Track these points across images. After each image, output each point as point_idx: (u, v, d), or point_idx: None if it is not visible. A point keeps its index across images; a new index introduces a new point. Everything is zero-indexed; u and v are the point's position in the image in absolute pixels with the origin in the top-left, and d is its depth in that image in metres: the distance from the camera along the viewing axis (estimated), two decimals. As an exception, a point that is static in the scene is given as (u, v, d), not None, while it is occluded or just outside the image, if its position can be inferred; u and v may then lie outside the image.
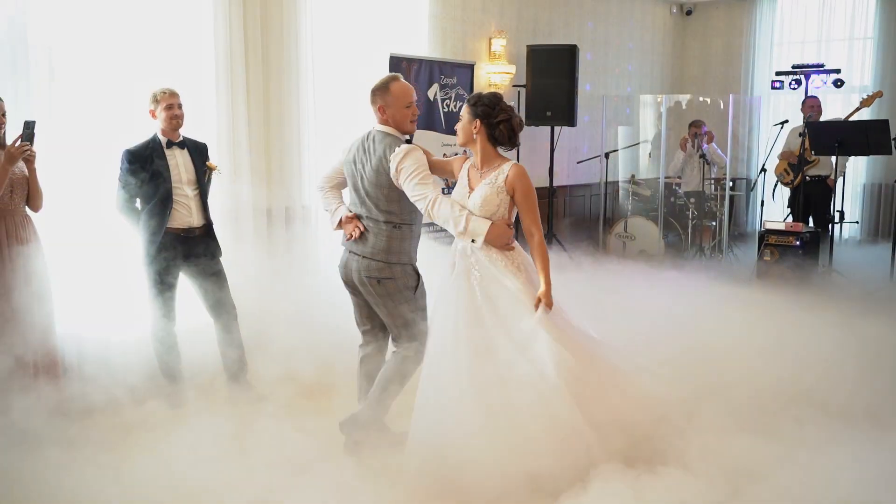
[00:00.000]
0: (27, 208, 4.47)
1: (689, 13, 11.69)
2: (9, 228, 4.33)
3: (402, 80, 4.12)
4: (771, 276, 7.29)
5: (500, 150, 3.86)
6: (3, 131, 4.37)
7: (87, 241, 5.04)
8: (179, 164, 4.84)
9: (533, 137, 8.95)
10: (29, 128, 4.29)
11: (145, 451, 4.01)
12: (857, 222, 10.22)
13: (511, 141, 3.82)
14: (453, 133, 7.43)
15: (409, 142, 4.03)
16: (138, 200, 4.83)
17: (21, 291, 4.29)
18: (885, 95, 9.61)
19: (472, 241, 3.73)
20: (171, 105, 4.78)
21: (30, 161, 4.37)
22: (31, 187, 4.44)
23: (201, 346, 5.05)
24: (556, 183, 8.81)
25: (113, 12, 5.15)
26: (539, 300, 3.62)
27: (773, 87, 9.90)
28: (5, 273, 4.27)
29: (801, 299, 5.94)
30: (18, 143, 4.26)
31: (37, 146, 4.35)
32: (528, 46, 8.45)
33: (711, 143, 9.28)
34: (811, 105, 8.50)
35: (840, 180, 8.28)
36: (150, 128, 4.83)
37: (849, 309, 5.76)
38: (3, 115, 4.33)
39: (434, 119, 7.48)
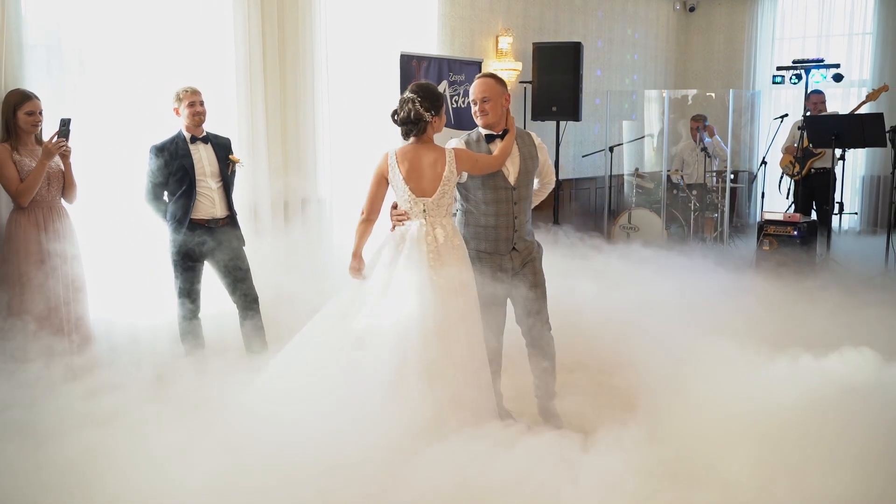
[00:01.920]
0: (63, 200, 4.74)
1: (692, 10, 11.89)
2: (46, 219, 4.60)
3: (481, 76, 4.33)
4: (769, 263, 7.52)
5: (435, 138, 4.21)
6: (40, 128, 4.64)
7: (117, 231, 5.29)
8: (203, 157, 5.06)
9: (539, 132, 9.16)
10: (65, 125, 4.55)
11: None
12: (856, 213, 10.43)
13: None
14: (462, 128, 7.73)
15: (488, 138, 4.28)
16: (165, 193, 5.05)
17: (57, 277, 4.57)
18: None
19: None
20: (193, 102, 4.99)
21: (65, 156, 4.65)
22: (67, 181, 4.71)
23: (224, 330, 5.33)
24: (562, 176, 9.04)
25: (139, 17, 5.36)
26: None
27: (774, 82, 10.10)
28: (43, 260, 4.54)
29: (797, 283, 6.18)
30: (55, 139, 4.52)
31: (71, 142, 4.62)
32: (534, 44, 8.66)
33: (714, 136, 9.51)
34: (815, 101, 8.70)
35: (840, 172, 8.49)
36: (175, 124, 5.05)
37: (842, 292, 6.00)
38: (40, 113, 4.59)
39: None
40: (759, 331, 4.34)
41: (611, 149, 9.68)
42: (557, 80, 8.49)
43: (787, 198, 9.03)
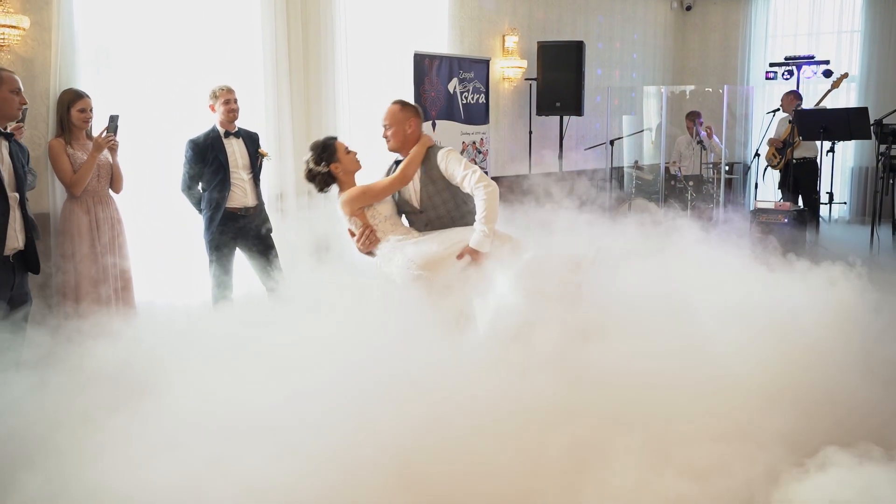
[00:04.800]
0: (111, 190, 5.16)
1: (688, 9, 12.26)
2: (96, 207, 5.03)
3: (390, 104, 4.48)
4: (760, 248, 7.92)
5: None
6: (90, 124, 5.05)
7: (158, 218, 5.74)
8: (236, 151, 5.49)
9: (544, 126, 9.57)
10: (113, 121, 4.96)
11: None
12: (845, 203, 10.84)
13: None
14: (471, 122, 8.15)
15: (397, 163, 4.50)
16: (200, 184, 5.47)
17: (106, 257, 5.02)
18: (869, 83, 10.30)
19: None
20: (228, 100, 5.41)
21: (113, 150, 5.06)
22: (114, 172, 5.12)
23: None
24: (565, 168, 9.45)
25: (178, 24, 5.81)
26: None
27: (767, 78, 10.54)
28: (94, 244, 4.99)
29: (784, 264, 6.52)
30: (104, 134, 4.94)
31: (119, 137, 5.03)
32: (538, 43, 8.99)
33: (712, 137, 9.93)
34: (783, 99, 9.25)
35: (829, 164, 8.93)
36: (209, 120, 5.47)
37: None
38: (91, 110, 5.00)
39: (454, 110, 8.07)
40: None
41: (611, 142, 10.07)
42: (561, 77, 8.82)
43: (778, 188, 9.47)
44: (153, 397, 3.31)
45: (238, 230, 5.52)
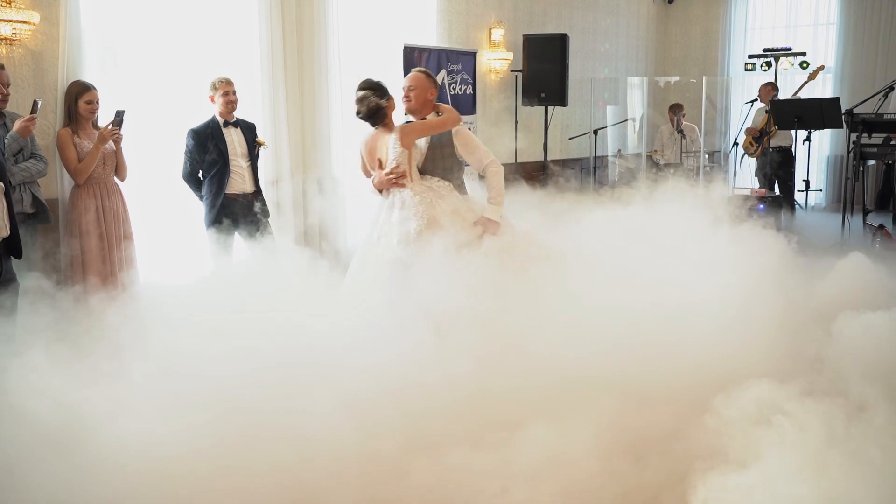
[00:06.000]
0: (115, 178, 5.41)
1: (670, 2, 12.55)
2: (102, 193, 5.28)
3: (413, 71, 4.87)
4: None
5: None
6: (97, 115, 5.29)
7: (161, 204, 5.98)
8: (234, 140, 5.73)
9: (529, 117, 9.84)
10: (119, 115, 5.18)
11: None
12: (821, 190, 11.18)
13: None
14: (459, 112, 8.37)
15: None
16: (200, 171, 5.72)
17: (111, 240, 5.27)
18: (844, 74, 10.63)
19: None
20: (227, 92, 5.65)
21: (117, 142, 5.29)
22: (119, 161, 5.36)
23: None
24: (549, 157, 9.73)
25: (180, 20, 6.04)
26: None
27: (746, 69, 10.85)
28: (100, 228, 5.24)
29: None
30: (110, 127, 5.16)
31: (123, 131, 5.23)
32: (524, 35, 9.24)
33: (697, 136, 10.27)
34: (760, 90, 9.58)
35: (805, 152, 9.26)
36: (209, 110, 5.71)
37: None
38: (97, 101, 5.24)
39: (442, 101, 8.33)
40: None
41: (595, 132, 10.35)
42: (546, 68, 9.04)
43: (755, 175, 9.81)
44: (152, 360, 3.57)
45: (237, 215, 5.76)
